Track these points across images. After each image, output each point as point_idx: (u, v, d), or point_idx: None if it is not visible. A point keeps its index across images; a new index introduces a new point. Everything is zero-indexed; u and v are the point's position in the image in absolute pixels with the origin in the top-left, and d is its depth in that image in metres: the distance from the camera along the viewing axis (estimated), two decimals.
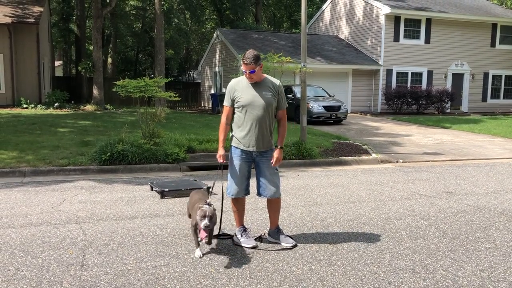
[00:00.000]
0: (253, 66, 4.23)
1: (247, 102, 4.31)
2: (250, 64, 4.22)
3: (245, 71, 4.27)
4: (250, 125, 4.33)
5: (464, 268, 4.01)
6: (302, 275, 3.80)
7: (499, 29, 24.83)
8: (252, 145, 4.37)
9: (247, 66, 4.23)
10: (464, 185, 7.67)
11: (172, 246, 4.41)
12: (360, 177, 8.33)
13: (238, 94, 4.36)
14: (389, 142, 12.75)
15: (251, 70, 4.23)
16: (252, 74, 4.26)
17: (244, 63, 4.24)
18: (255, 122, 4.31)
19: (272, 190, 4.44)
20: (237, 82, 4.43)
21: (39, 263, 3.95)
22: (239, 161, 4.43)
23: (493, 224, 5.36)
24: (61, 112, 18.28)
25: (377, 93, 23.53)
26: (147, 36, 35.21)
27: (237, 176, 4.45)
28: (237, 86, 4.40)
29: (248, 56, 4.24)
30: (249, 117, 4.32)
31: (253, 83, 4.36)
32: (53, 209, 5.71)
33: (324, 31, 28.55)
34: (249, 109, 4.31)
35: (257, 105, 4.30)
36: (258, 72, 4.30)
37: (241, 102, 4.33)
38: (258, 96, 4.31)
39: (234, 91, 4.40)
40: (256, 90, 4.33)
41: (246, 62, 4.23)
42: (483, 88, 25.30)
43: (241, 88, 4.37)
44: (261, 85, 4.36)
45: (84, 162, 8.46)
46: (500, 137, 14.50)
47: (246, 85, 4.36)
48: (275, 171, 4.46)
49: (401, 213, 5.79)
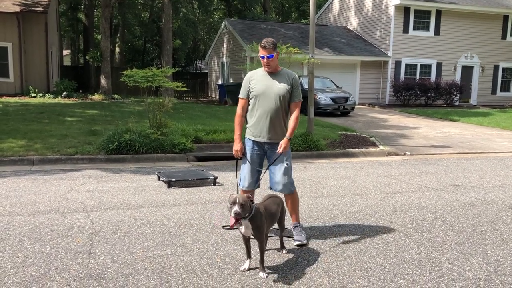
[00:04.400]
0: (271, 51, 4.18)
1: (259, 92, 4.28)
2: (269, 48, 4.18)
3: (262, 56, 4.21)
4: (260, 115, 4.30)
5: (471, 261, 4.00)
6: (307, 266, 3.81)
7: (510, 21, 24.49)
8: (262, 136, 4.33)
9: (265, 50, 4.18)
10: (471, 178, 7.63)
11: (179, 236, 4.44)
12: (367, 169, 8.31)
13: (253, 83, 4.34)
14: (396, 134, 12.68)
15: (269, 55, 4.18)
16: (270, 60, 4.21)
17: (262, 47, 4.19)
18: (266, 112, 4.27)
19: (282, 184, 4.33)
20: (253, 73, 4.42)
21: (47, 250, 4.00)
22: (250, 153, 4.40)
23: (501, 218, 5.33)
24: (69, 101, 18.36)
25: (385, 85, 23.38)
26: (155, 26, 35.15)
27: (248, 168, 4.39)
28: (253, 77, 4.39)
29: (266, 41, 4.21)
30: (261, 107, 4.29)
31: (269, 74, 4.31)
32: (61, 197, 5.75)
33: (332, 22, 28.34)
34: (261, 99, 4.28)
35: (269, 95, 4.26)
36: (275, 59, 4.26)
37: (254, 92, 4.31)
38: (272, 86, 4.27)
39: (249, 81, 4.38)
40: (270, 81, 4.29)
41: (265, 45, 4.18)
42: (493, 81, 25.04)
43: (256, 78, 4.35)
44: (276, 75, 4.32)
45: (91, 151, 8.51)
46: (509, 130, 14.38)
47: (262, 75, 4.34)
48: (286, 165, 4.31)
49: (408, 206, 5.77)
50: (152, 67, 9.18)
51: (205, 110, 17.44)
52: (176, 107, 15.72)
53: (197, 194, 6.07)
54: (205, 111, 16.90)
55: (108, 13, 21.71)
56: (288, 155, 4.34)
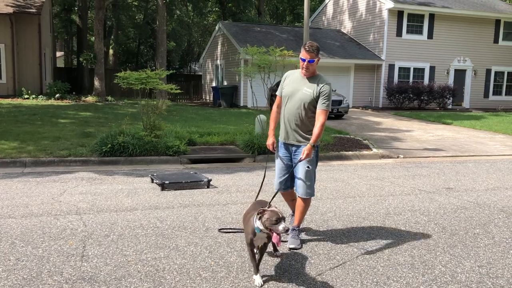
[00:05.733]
0: (313, 55, 4.18)
1: (287, 94, 4.35)
2: (312, 52, 4.17)
3: (304, 59, 4.19)
4: (285, 117, 4.36)
5: (463, 264, 4.02)
6: (301, 269, 3.81)
7: (502, 25, 24.70)
8: (285, 137, 4.41)
9: (308, 54, 4.17)
10: (464, 181, 7.68)
11: (172, 239, 4.43)
12: (361, 172, 8.33)
13: (286, 82, 4.41)
14: (390, 137, 12.74)
15: (311, 59, 4.18)
16: (309, 64, 4.20)
17: (306, 50, 4.17)
18: (289, 115, 4.32)
19: (300, 187, 4.30)
20: (291, 73, 4.45)
21: (40, 253, 3.97)
22: (278, 153, 4.50)
23: (493, 221, 5.37)
24: (62, 103, 18.27)
25: (378, 88, 23.47)
26: (149, 28, 35.10)
27: (277, 169, 4.51)
28: (288, 76, 4.44)
29: (311, 45, 4.19)
30: (287, 109, 4.35)
31: (303, 78, 4.31)
32: (54, 199, 5.72)
33: (326, 25, 28.44)
34: (288, 100, 4.34)
35: (294, 99, 4.28)
36: (315, 64, 4.25)
37: (284, 92, 4.39)
38: (299, 90, 4.28)
39: (284, 80, 4.45)
40: (300, 84, 4.30)
41: (308, 49, 4.17)
42: (485, 85, 25.22)
43: (291, 79, 4.40)
44: (309, 80, 4.29)
45: (85, 153, 8.47)
46: (501, 133, 14.48)
47: (296, 77, 4.37)
48: (307, 168, 4.25)
49: (401, 209, 5.80)
50: (146, 69, 9.16)
51: (199, 113, 17.42)
52: (170, 109, 15.69)
53: (190, 197, 6.06)
54: (199, 114, 16.89)
55: (102, 14, 21.65)
56: (311, 161, 4.27)
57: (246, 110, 19.51)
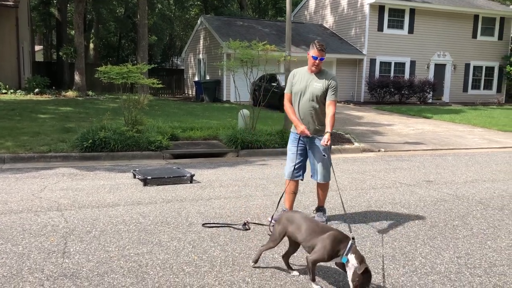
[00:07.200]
0: (324, 54, 4.61)
1: (299, 90, 4.71)
2: (323, 51, 4.61)
3: (315, 57, 4.58)
4: (300, 110, 4.73)
5: (442, 255, 4.11)
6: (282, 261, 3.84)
7: (480, 21, 25.11)
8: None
9: (320, 52, 4.58)
10: (444, 174, 7.81)
11: (155, 234, 4.41)
12: (342, 165, 8.41)
13: (296, 79, 4.78)
14: (371, 131, 12.87)
15: (322, 57, 4.60)
16: (321, 62, 4.62)
17: (318, 49, 4.57)
18: (304, 108, 4.70)
19: (320, 173, 4.77)
20: (298, 71, 4.83)
21: (20, 250, 3.92)
22: (291, 145, 4.86)
23: (471, 213, 5.48)
24: (41, 98, 17.96)
25: (360, 82, 23.66)
26: (130, 22, 34.66)
27: (289, 159, 4.86)
28: (296, 73, 4.82)
29: (321, 44, 4.61)
30: (300, 103, 4.72)
31: (310, 74, 4.69)
32: (34, 196, 5.64)
33: (308, 20, 28.50)
34: (301, 96, 4.70)
35: (307, 94, 4.67)
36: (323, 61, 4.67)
37: (294, 89, 4.76)
38: (310, 85, 4.66)
39: (293, 77, 4.81)
40: (310, 80, 4.68)
41: (321, 48, 4.58)
42: (464, 79, 25.64)
43: (299, 76, 4.77)
44: (317, 75, 4.69)
45: (65, 149, 8.35)
46: (480, 127, 14.76)
47: (304, 74, 4.76)
48: (323, 156, 4.70)
49: (382, 202, 5.88)
50: (127, 64, 9.07)
51: (181, 107, 17.32)
52: (152, 104, 15.56)
53: (173, 192, 6.04)
54: (181, 108, 16.79)
55: (82, 8, 21.30)
56: (326, 149, 4.68)
57: (229, 104, 19.48)
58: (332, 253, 3.25)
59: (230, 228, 4.64)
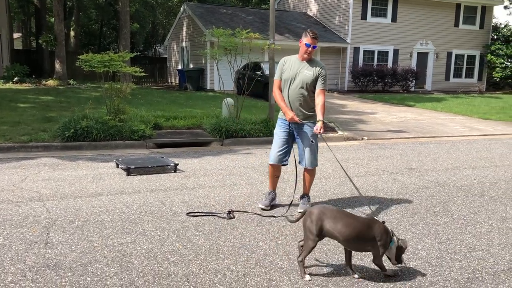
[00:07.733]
0: (316, 42, 4.71)
1: (289, 77, 4.77)
2: (316, 39, 4.71)
3: (308, 44, 4.66)
4: (289, 97, 4.79)
5: (424, 241, 4.18)
6: (268, 249, 3.87)
7: (462, 10, 25.33)
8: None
9: (313, 40, 4.68)
10: (425, 161, 7.92)
11: (139, 223, 4.39)
12: (326, 154, 8.45)
13: (286, 66, 4.83)
14: (355, 120, 12.95)
15: (314, 45, 4.70)
16: (313, 50, 4.71)
17: (311, 37, 4.67)
18: (292, 95, 4.76)
19: (307, 159, 4.86)
20: (288, 58, 4.89)
21: (1, 241, 3.86)
22: (278, 129, 4.93)
23: (452, 199, 5.58)
24: (21, 86, 17.62)
25: (344, 71, 23.74)
26: (112, 9, 34.03)
27: (275, 144, 4.92)
28: (287, 61, 4.87)
29: (314, 32, 4.72)
30: (289, 90, 4.77)
31: (301, 61, 4.75)
32: (15, 186, 5.55)
33: (292, 8, 28.39)
34: (291, 82, 4.77)
35: (297, 81, 4.73)
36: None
37: (284, 76, 4.81)
38: (300, 73, 4.72)
39: (283, 64, 4.86)
40: (300, 68, 4.75)
41: (314, 36, 4.69)
42: (446, 67, 25.92)
43: (289, 63, 4.83)
44: (308, 63, 4.76)
45: (46, 138, 8.23)
46: (461, 115, 14.98)
47: (294, 61, 4.82)
48: (311, 142, 4.80)
49: (365, 189, 5.94)
50: (109, 52, 8.94)
51: (164, 96, 17.17)
52: (135, 92, 15.40)
53: (157, 181, 6.01)
54: (164, 97, 16.65)
55: None
56: (314, 135, 4.78)
57: (213, 93, 19.38)
58: (385, 244, 3.38)
59: (215, 216, 4.64)
